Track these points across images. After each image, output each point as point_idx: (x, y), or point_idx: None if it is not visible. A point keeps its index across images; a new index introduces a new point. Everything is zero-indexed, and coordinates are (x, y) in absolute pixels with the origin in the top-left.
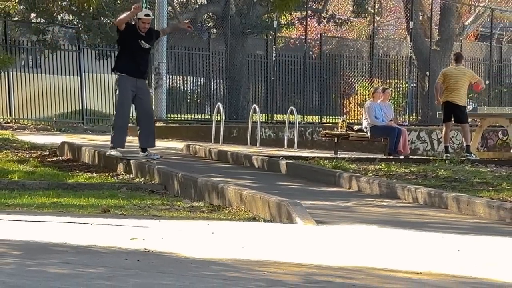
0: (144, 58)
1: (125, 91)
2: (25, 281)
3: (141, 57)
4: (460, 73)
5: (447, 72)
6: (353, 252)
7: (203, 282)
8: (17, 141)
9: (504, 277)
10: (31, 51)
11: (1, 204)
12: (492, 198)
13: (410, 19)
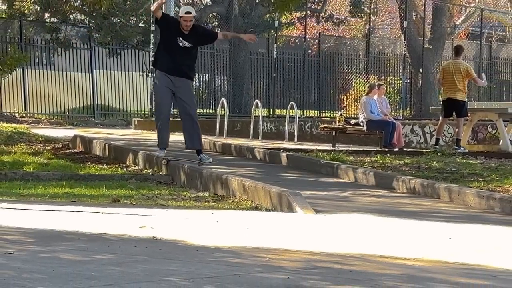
0: (184, 57)
1: (161, 89)
2: (38, 267)
3: (180, 55)
4: (457, 69)
5: (446, 68)
6: (351, 239)
7: (208, 268)
8: (31, 135)
9: (494, 263)
10: (45, 49)
11: (17, 194)
12: (481, 188)
13: (404, 19)
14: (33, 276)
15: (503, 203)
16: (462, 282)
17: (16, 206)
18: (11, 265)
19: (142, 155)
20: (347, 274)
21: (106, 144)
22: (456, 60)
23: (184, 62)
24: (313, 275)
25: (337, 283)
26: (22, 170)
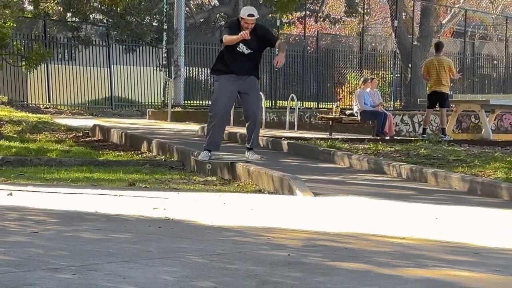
0: (245, 62)
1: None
2: (61, 245)
3: (241, 61)
4: (440, 64)
5: (429, 64)
6: (346, 220)
7: (216, 246)
8: (55, 124)
9: (477, 241)
10: (66, 46)
11: (41, 178)
12: (465, 173)
13: (395, 18)
14: (56, 253)
15: (484, 186)
16: (448, 259)
17: (41, 189)
18: (37, 243)
19: (155, 142)
20: (343, 251)
21: (122, 133)
22: (439, 56)
23: (249, 66)
24: (312, 252)
25: (334, 259)
26: (46, 157)
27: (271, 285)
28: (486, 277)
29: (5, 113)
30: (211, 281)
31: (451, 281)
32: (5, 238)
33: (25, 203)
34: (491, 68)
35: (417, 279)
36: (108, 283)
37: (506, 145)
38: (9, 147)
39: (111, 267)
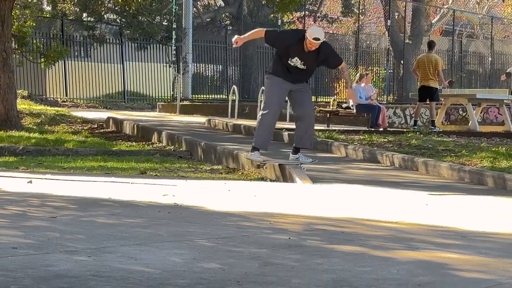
0: (299, 74)
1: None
2: (78, 229)
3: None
4: (429, 61)
5: (420, 60)
6: (343, 206)
7: (221, 229)
8: (71, 116)
9: (464, 225)
10: (82, 44)
11: (59, 167)
12: (453, 162)
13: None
14: (73, 236)
15: (471, 174)
16: (437, 242)
17: (59, 177)
18: (55, 227)
19: (165, 134)
20: (340, 235)
21: (134, 125)
22: (429, 54)
23: (301, 76)
24: (311, 236)
25: (332, 243)
26: (64, 147)
27: (273, 267)
28: (472, 259)
29: (25, 106)
30: (217, 263)
31: (440, 263)
32: (25, 222)
33: (44, 190)
34: (477, 65)
35: (408, 261)
36: (121, 264)
37: (492, 136)
38: (29, 138)
39: (124, 250)
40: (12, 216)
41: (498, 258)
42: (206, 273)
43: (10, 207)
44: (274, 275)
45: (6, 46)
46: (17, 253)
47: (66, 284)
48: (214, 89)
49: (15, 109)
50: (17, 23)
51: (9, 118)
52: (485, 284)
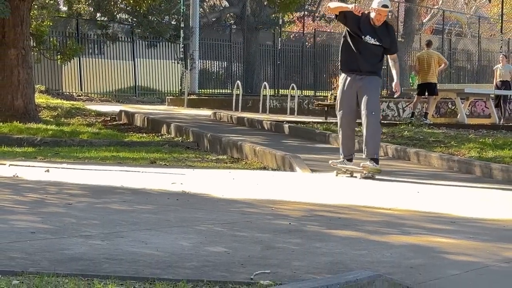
0: (369, 56)
1: (343, 92)
2: (92, 215)
3: (365, 54)
4: (430, 57)
5: (420, 57)
6: (340, 193)
7: (226, 215)
8: (86, 110)
9: (453, 212)
10: (96, 42)
11: (74, 157)
12: (443, 152)
13: None
14: (87, 222)
15: (460, 164)
16: (428, 227)
17: (74, 167)
18: (71, 213)
19: (174, 126)
20: (337, 221)
21: (145, 117)
22: (429, 51)
23: (371, 62)
24: (310, 221)
25: (330, 227)
26: (79, 138)
27: (274, 250)
28: (461, 243)
29: (42, 100)
30: (222, 246)
31: (431, 246)
32: (43, 209)
33: (61, 179)
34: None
35: (401, 245)
36: (132, 248)
37: (479, 128)
38: (46, 129)
39: (135, 234)
40: (31, 203)
41: (485, 243)
42: (212, 256)
43: (29, 194)
44: (275, 258)
45: (25, 44)
46: (35, 237)
47: (81, 266)
48: (219, 84)
49: (33, 103)
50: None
51: (28, 111)
52: (473, 267)
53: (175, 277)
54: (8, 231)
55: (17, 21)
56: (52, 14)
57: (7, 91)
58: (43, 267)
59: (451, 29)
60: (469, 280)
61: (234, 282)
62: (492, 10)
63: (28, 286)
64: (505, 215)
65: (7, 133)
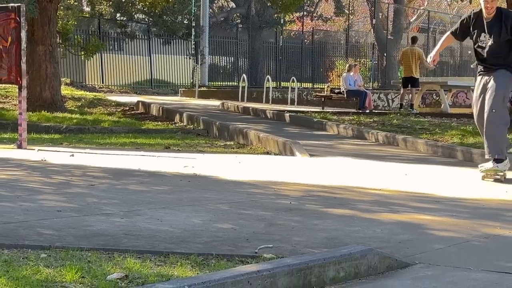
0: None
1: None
2: (112, 195)
3: (485, 56)
4: (412, 53)
5: (405, 52)
6: (335, 175)
7: (233, 195)
8: (107, 100)
9: (438, 192)
10: (116, 39)
11: (97, 143)
12: (429, 139)
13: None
14: (108, 201)
15: (444, 149)
16: (414, 206)
17: (96, 152)
18: (93, 193)
19: (186, 115)
20: (333, 200)
21: (160, 107)
22: (413, 47)
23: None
24: (309, 201)
25: (326, 206)
26: (100, 126)
27: (276, 227)
28: (444, 220)
29: (68, 91)
30: (230, 223)
31: (417, 223)
32: (68, 189)
33: (84, 162)
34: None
35: (390, 222)
36: (149, 224)
37: (460, 117)
38: (71, 118)
39: (151, 212)
40: (57, 184)
41: (466, 220)
42: (221, 232)
43: (55, 176)
44: (277, 234)
45: (52, 41)
46: (61, 215)
47: (102, 241)
48: (227, 77)
49: (60, 94)
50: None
51: (55, 102)
52: (455, 242)
53: (187, 251)
54: (37, 209)
55: (45, 21)
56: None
57: (36, 84)
58: (68, 242)
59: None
60: (451, 254)
61: (240, 256)
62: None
63: (55, 259)
64: (484, 195)
65: (36, 121)
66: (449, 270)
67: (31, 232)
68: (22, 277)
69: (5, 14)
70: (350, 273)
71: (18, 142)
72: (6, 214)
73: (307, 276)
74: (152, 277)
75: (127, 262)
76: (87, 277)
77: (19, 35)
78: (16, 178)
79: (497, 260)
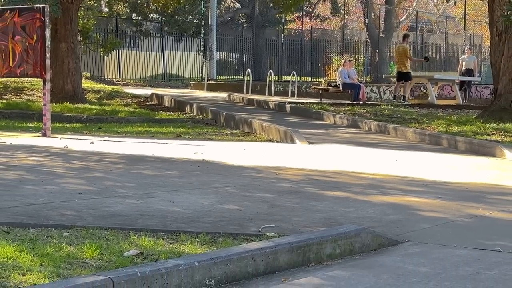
0: None
1: None
2: (128, 179)
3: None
4: (402, 51)
5: (395, 50)
6: (332, 161)
7: (239, 179)
8: (124, 93)
9: (425, 176)
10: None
11: (114, 131)
12: (417, 127)
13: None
14: (124, 185)
15: (431, 137)
16: (404, 189)
17: (114, 139)
18: (110, 177)
19: (195, 106)
20: (330, 184)
21: (172, 99)
22: (402, 44)
23: None
24: (308, 184)
25: (324, 189)
26: (118, 116)
27: (278, 208)
28: (431, 202)
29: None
30: (235, 205)
31: (406, 205)
32: (88, 174)
33: (103, 149)
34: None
35: (382, 203)
36: (161, 206)
37: (446, 108)
38: (91, 109)
39: (164, 195)
40: (78, 169)
41: (451, 201)
42: (227, 213)
43: (76, 162)
44: (279, 214)
45: (74, 39)
46: (82, 197)
47: (119, 221)
48: (233, 72)
49: (80, 87)
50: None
51: (76, 94)
52: (441, 221)
53: (196, 230)
54: (60, 192)
55: (67, 20)
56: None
57: (59, 78)
58: (88, 222)
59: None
60: (438, 232)
61: (245, 234)
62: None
63: (76, 237)
64: (468, 179)
65: (59, 112)
66: (435, 247)
67: (54, 212)
68: (46, 254)
69: (31, 14)
70: (345, 250)
71: (43, 131)
72: (31, 196)
73: (306, 253)
74: (164, 254)
75: (142, 240)
76: (105, 254)
77: (44, 33)
78: (41, 164)
79: (480, 238)
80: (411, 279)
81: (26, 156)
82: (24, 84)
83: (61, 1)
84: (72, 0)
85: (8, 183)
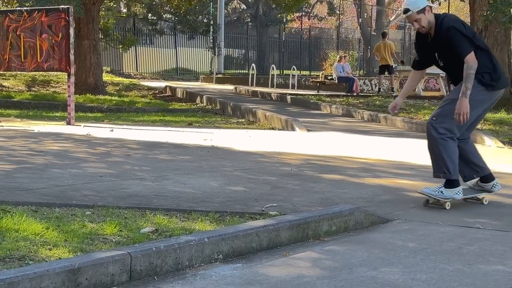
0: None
1: None
2: (145, 163)
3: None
4: (384, 47)
5: (377, 46)
6: (328, 147)
7: (245, 163)
8: (140, 85)
9: (413, 160)
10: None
11: (132, 120)
12: (405, 117)
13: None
14: (141, 168)
15: (418, 125)
16: (394, 172)
17: (132, 127)
18: (128, 162)
19: (205, 97)
20: (327, 167)
21: (184, 91)
22: (385, 40)
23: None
24: (307, 167)
25: (321, 172)
26: (135, 106)
27: (280, 189)
28: (418, 183)
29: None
30: (242, 186)
31: (396, 186)
32: (109, 158)
33: (122, 136)
34: None
35: (374, 185)
36: (175, 187)
37: (431, 99)
38: (111, 100)
39: (177, 177)
40: (99, 154)
41: (436, 183)
42: (234, 194)
43: (98, 147)
44: (280, 195)
45: (95, 36)
46: (103, 179)
47: (136, 201)
48: (239, 66)
49: (101, 80)
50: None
51: (97, 86)
52: None
53: (206, 209)
54: (83, 175)
55: (89, 20)
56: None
57: (82, 72)
58: (108, 202)
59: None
60: (424, 211)
61: (250, 213)
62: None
63: (97, 216)
64: None
65: (81, 102)
66: (422, 225)
67: (78, 193)
68: (70, 231)
69: (57, 14)
70: (340, 227)
71: (67, 120)
72: (57, 178)
73: (305, 230)
74: (177, 230)
75: (157, 218)
76: (124, 230)
77: (68, 32)
78: (66, 149)
79: (462, 216)
80: (400, 253)
81: (53, 142)
82: (50, 78)
83: (84, 2)
84: (94, 1)
85: (37, 167)
